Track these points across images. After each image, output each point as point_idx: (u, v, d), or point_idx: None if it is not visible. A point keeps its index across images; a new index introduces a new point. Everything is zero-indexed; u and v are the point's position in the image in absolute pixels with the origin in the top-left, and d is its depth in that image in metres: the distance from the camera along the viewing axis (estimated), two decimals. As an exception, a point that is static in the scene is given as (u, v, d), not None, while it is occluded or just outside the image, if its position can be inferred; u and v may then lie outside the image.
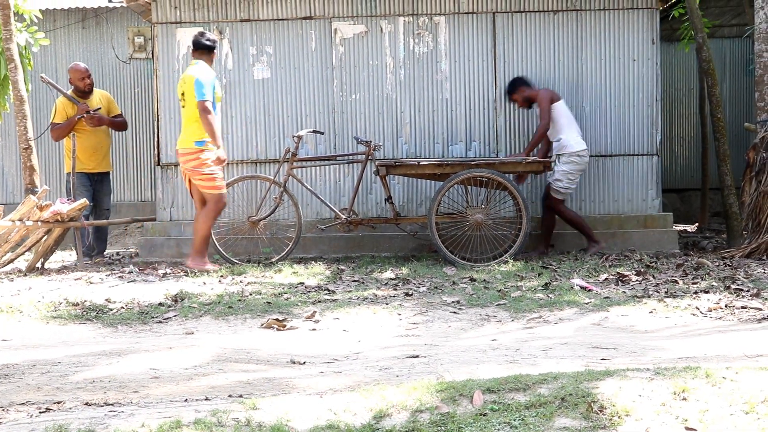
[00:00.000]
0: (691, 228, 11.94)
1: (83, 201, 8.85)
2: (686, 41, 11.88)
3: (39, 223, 8.59)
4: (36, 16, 10.46)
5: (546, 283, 7.22)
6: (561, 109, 8.92)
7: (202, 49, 8.40)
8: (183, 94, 8.31)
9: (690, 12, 10.45)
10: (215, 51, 8.54)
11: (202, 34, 8.47)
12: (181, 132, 8.50)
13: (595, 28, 9.45)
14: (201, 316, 6.37)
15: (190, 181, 8.47)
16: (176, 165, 9.52)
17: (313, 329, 5.95)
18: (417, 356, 4.96)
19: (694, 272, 7.73)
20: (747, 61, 12.50)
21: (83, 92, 9.49)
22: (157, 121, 9.58)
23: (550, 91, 9.05)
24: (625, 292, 6.91)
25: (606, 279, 7.48)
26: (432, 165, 8.76)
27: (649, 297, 6.65)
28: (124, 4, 9.67)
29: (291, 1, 9.50)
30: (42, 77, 9.59)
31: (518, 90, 9.10)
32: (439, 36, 9.47)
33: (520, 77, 9.21)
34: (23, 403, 4.07)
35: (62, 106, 9.46)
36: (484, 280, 7.54)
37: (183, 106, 8.38)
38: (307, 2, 9.50)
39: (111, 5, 10.64)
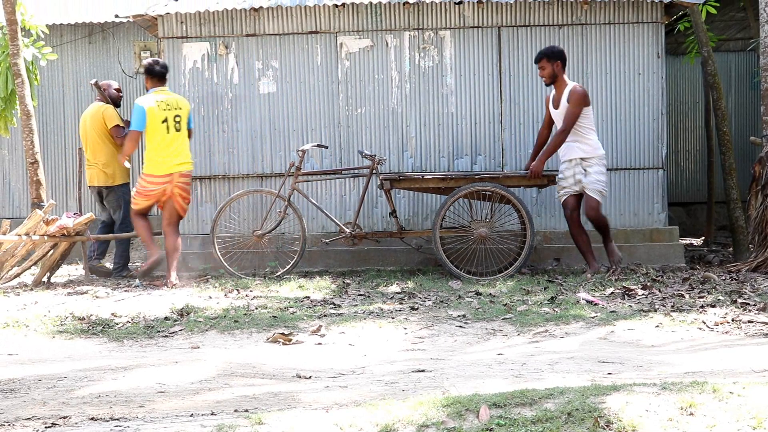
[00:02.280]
0: (697, 242, 11.92)
1: (89, 215, 8.87)
2: (692, 55, 11.90)
3: (45, 238, 8.61)
4: (42, 31, 10.51)
5: (552, 297, 7.21)
6: (590, 113, 8.53)
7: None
8: (178, 118, 8.52)
9: (695, 26, 10.48)
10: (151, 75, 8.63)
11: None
12: (181, 152, 8.53)
13: (601, 42, 9.47)
14: (207, 331, 6.37)
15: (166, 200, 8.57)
16: (182, 179, 9.54)
17: (319, 343, 5.95)
18: (423, 370, 4.95)
19: (700, 286, 7.72)
20: (752, 75, 12.51)
21: (115, 104, 9.52)
22: (163, 135, 9.59)
23: (586, 91, 8.54)
24: (631, 306, 6.90)
25: (612, 293, 7.47)
26: (436, 179, 8.77)
27: (655, 311, 6.63)
28: (131, 19, 9.71)
29: (297, 16, 9.54)
30: (95, 83, 9.38)
31: (557, 62, 8.49)
32: (444, 50, 9.50)
33: (564, 53, 8.63)
34: (29, 418, 4.07)
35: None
36: (490, 294, 7.53)
37: (178, 130, 8.51)
38: (313, 17, 9.53)
39: (117, 20, 10.67)
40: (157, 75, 8.60)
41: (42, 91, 11.49)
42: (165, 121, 8.45)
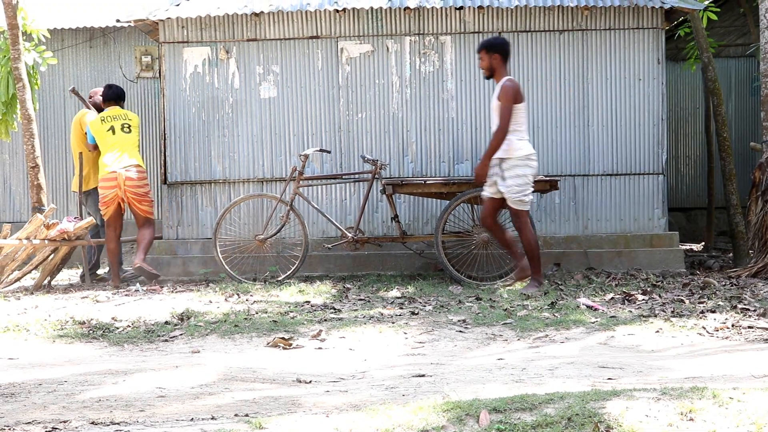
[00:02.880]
0: (697, 247, 11.93)
1: (90, 219, 8.88)
2: (692, 61, 11.91)
3: (46, 242, 8.61)
4: (44, 36, 10.51)
5: (552, 303, 7.21)
6: (520, 111, 7.96)
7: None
8: (127, 124, 9.07)
9: (695, 32, 10.49)
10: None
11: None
12: (124, 155, 8.95)
13: (601, 47, 9.48)
14: (207, 335, 6.37)
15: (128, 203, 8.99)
16: (182, 183, 9.57)
17: (319, 348, 5.95)
18: (423, 375, 4.95)
19: (700, 292, 7.72)
20: (752, 81, 12.52)
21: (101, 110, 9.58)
22: (164, 139, 9.62)
23: (517, 86, 7.97)
24: (631, 311, 6.90)
25: (612, 298, 7.47)
26: (438, 184, 8.77)
27: (655, 316, 6.63)
28: (132, 24, 9.72)
29: (298, 21, 9.55)
30: (72, 90, 9.56)
31: (495, 55, 8.02)
32: (445, 55, 9.51)
33: (506, 47, 8.12)
34: (29, 422, 4.07)
35: None
36: (490, 299, 7.53)
37: (127, 132, 9.04)
38: (314, 22, 9.54)
39: (119, 25, 10.68)
40: (109, 98, 9.17)
41: (43, 96, 11.49)
42: (111, 129, 8.99)
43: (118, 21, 9.88)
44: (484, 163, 7.96)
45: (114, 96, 9.16)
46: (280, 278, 8.81)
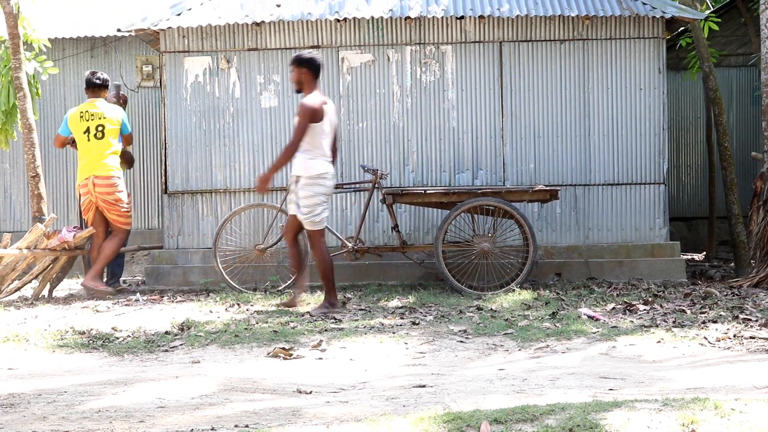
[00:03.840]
0: (698, 257, 11.91)
1: (90, 229, 8.87)
2: (693, 70, 11.92)
3: (46, 251, 8.60)
4: (45, 45, 10.51)
5: (553, 313, 7.20)
6: (317, 131, 7.51)
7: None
8: (101, 127, 8.82)
9: (696, 41, 10.50)
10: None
11: (92, 73, 9.10)
12: (99, 159, 8.79)
13: (602, 57, 9.48)
14: (207, 345, 6.36)
15: (95, 210, 8.89)
16: (183, 193, 9.56)
17: (320, 358, 5.94)
18: (424, 386, 4.94)
19: (701, 302, 7.70)
20: (753, 90, 12.53)
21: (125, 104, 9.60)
22: (165, 149, 9.61)
23: (315, 105, 7.48)
24: (632, 321, 6.89)
25: (613, 308, 7.46)
26: (439, 194, 8.77)
27: (656, 326, 6.62)
28: (133, 33, 9.73)
29: (298, 31, 9.56)
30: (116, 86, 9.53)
31: (303, 69, 7.58)
32: (446, 65, 9.51)
33: (315, 63, 7.62)
34: (29, 433, 4.06)
35: None
36: (491, 309, 7.52)
37: (99, 137, 8.82)
38: (315, 31, 9.55)
39: (120, 34, 10.68)
40: (91, 86, 8.98)
41: (44, 105, 11.49)
42: (87, 131, 8.83)
43: (119, 30, 9.88)
44: (267, 174, 7.63)
45: (92, 85, 8.97)
46: (280, 288, 8.80)
